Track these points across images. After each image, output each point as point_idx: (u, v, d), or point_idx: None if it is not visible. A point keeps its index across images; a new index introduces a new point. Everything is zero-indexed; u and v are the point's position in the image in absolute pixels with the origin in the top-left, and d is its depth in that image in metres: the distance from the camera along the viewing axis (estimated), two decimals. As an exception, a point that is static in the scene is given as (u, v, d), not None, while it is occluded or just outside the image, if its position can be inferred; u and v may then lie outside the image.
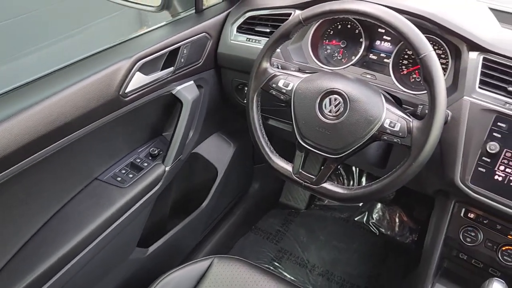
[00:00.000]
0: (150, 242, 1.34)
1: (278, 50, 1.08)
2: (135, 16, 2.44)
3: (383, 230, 1.92)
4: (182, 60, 1.18)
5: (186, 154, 1.32)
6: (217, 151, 1.56)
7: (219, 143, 1.57)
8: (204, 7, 1.30)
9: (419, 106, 0.96)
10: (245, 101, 1.07)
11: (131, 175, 1.17)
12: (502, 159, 0.94)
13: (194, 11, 1.29)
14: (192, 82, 1.24)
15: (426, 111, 0.87)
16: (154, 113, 1.25)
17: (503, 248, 1.00)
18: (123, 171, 1.18)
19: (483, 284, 0.85)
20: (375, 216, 1.96)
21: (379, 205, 1.97)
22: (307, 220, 1.96)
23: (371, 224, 1.94)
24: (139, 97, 1.09)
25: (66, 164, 1.02)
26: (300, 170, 0.99)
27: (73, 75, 0.96)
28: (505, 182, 0.94)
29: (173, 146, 1.22)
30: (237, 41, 1.28)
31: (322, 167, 0.97)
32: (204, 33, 1.24)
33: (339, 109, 0.93)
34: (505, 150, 0.93)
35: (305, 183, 0.99)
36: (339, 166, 1.00)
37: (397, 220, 1.92)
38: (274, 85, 1.01)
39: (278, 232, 1.90)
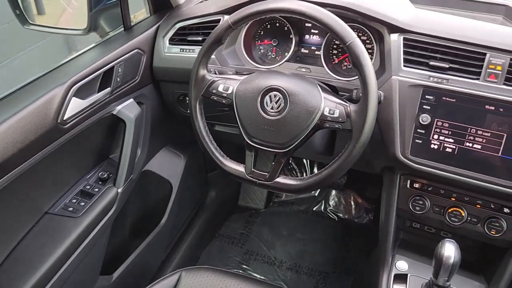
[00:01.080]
0: (114, 268, 1.31)
1: (213, 56, 1.10)
2: (62, 42, 2.36)
3: (341, 215, 1.99)
4: (118, 79, 1.17)
5: (137, 173, 1.30)
6: (168, 165, 1.54)
7: (169, 157, 1.56)
8: (132, 24, 1.29)
9: (354, 90, 1.01)
10: (188, 111, 1.07)
11: (83, 203, 1.14)
12: (435, 128, 1.01)
13: (122, 28, 1.28)
14: (132, 100, 1.23)
15: (361, 94, 0.92)
16: (97, 136, 1.22)
17: (449, 211, 1.08)
18: (74, 200, 1.15)
19: (437, 247, 0.90)
20: (331, 203, 2.02)
21: (333, 192, 2.04)
22: (268, 218, 1.99)
23: (329, 211, 2.01)
24: (80, 122, 1.06)
25: (12, 202, 0.98)
26: (252, 169, 1.01)
27: (6, 109, 0.92)
28: (441, 150, 1.01)
29: (123, 167, 1.20)
30: (171, 53, 1.28)
31: (273, 163, 0.99)
32: (136, 50, 1.23)
33: (280, 105, 0.96)
34: (436, 119, 1.00)
35: (259, 181, 1.01)
36: (289, 160, 1.03)
37: (352, 203, 2.00)
38: (214, 91, 1.02)
39: (242, 235, 1.91)
